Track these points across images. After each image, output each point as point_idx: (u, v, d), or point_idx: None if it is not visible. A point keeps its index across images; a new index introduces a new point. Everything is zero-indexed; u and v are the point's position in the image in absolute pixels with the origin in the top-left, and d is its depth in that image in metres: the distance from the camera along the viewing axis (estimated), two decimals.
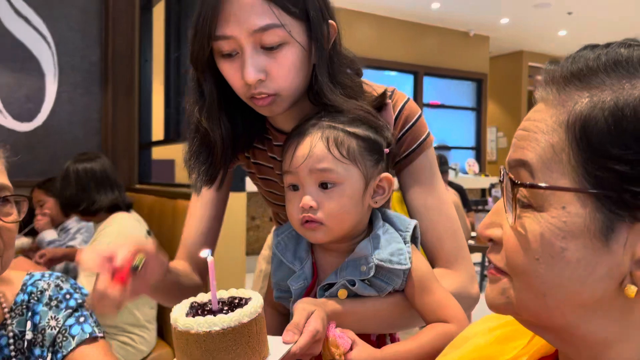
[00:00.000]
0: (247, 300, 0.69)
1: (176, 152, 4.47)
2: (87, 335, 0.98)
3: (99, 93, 3.26)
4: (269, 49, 0.85)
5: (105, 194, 2.32)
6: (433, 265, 0.98)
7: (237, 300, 0.70)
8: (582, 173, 0.46)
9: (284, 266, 0.94)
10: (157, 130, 3.33)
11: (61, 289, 1.02)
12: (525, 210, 0.50)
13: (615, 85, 0.46)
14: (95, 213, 2.29)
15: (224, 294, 0.73)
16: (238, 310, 0.66)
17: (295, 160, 0.86)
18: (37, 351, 0.96)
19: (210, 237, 1.12)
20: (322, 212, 0.84)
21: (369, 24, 7.49)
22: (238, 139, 1.01)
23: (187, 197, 2.42)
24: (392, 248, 0.87)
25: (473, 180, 8.20)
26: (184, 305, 0.71)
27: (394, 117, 0.99)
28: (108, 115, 3.20)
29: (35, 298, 1.00)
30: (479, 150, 9.04)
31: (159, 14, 3.35)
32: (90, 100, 3.24)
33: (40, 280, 1.02)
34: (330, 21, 0.91)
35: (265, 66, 0.86)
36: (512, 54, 9.65)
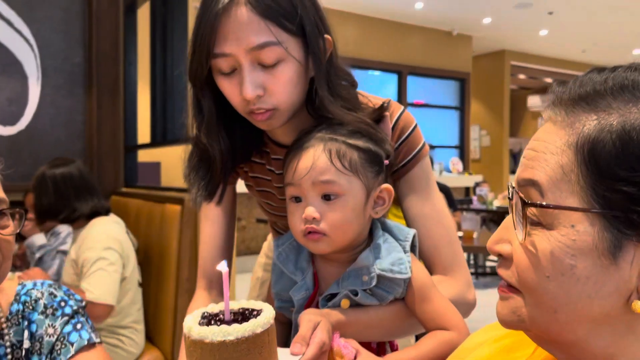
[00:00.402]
0: (258, 312, 0.70)
1: (162, 155, 4.45)
2: (85, 342, 0.99)
3: (82, 95, 3.22)
4: (266, 66, 0.86)
5: (85, 201, 2.27)
6: (430, 272, 0.99)
7: (248, 312, 0.71)
8: (591, 193, 0.47)
9: (285, 277, 0.94)
10: (143, 133, 3.30)
11: (55, 296, 1.02)
12: (534, 227, 0.51)
13: (622, 108, 0.48)
14: (75, 220, 2.26)
15: (235, 305, 0.73)
16: (252, 321, 0.67)
17: (298, 173, 0.86)
18: (35, 359, 0.97)
19: (225, 253, 1.12)
20: (325, 223, 0.85)
21: (353, 23, 7.50)
22: (237, 153, 1.02)
23: (176, 201, 2.41)
24: (393, 258, 0.88)
25: (457, 179, 8.27)
26: (196, 315, 0.71)
27: (391, 128, 1.00)
28: (92, 118, 3.16)
29: (30, 307, 1.00)
30: (462, 149, 9.12)
31: (143, 16, 3.32)
32: (73, 102, 3.20)
33: (32, 289, 1.02)
34: (326, 35, 0.92)
35: (263, 82, 0.86)
36: (494, 53, 9.75)
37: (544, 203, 0.50)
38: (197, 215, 2.34)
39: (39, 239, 2.49)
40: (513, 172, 10.14)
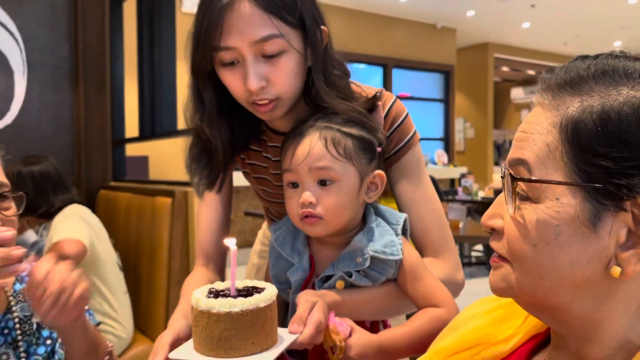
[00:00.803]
0: (262, 290, 0.75)
1: (149, 149, 4.44)
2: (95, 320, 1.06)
3: (69, 90, 3.20)
4: (269, 57, 0.89)
5: (62, 195, 2.36)
6: (421, 254, 1.03)
7: (252, 289, 0.76)
8: (574, 169, 0.52)
9: (282, 259, 0.98)
10: (131, 127, 3.30)
11: None
12: (523, 202, 0.55)
13: (603, 92, 0.52)
14: (53, 215, 2.30)
15: (239, 284, 0.77)
16: (256, 295, 0.72)
17: (295, 159, 0.90)
18: (46, 333, 1.01)
19: (222, 235, 1.15)
20: (321, 207, 0.89)
21: (338, 16, 7.52)
22: (236, 142, 1.05)
23: (167, 194, 2.43)
24: (385, 240, 0.93)
25: (442, 171, 8.35)
26: (203, 290, 0.77)
27: (383, 117, 1.03)
28: (80, 112, 3.15)
29: None
30: (447, 141, 9.20)
31: (129, 9, 3.31)
32: (60, 97, 3.18)
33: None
34: (322, 27, 0.95)
35: (266, 74, 0.89)
36: (478, 45, 9.83)
37: (532, 178, 0.54)
38: (188, 208, 2.36)
39: (30, 236, 2.49)
40: (497, 163, 10.27)
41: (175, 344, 0.84)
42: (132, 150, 3.50)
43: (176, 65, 2.98)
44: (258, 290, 0.75)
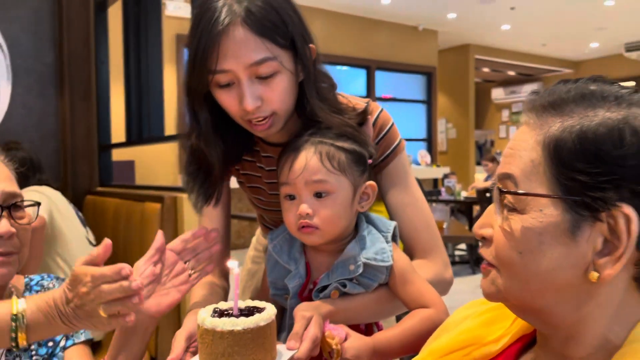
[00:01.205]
0: (262, 309, 0.80)
1: (135, 153, 4.43)
2: (89, 337, 1.10)
3: (54, 95, 3.20)
4: (263, 78, 0.93)
5: (39, 175, 2.48)
6: (411, 255, 1.09)
7: (253, 309, 0.81)
8: (555, 182, 0.57)
9: (279, 266, 1.02)
10: (118, 132, 3.30)
11: None
12: (511, 213, 0.61)
13: (581, 113, 0.58)
14: None
15: (242, 304, 0.83)
16: (257, 315, 0.78)
17: (292, 173, 0.95)
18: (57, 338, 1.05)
19: (224, 242, 1.19)
20: (318, 218, 0.94)
21: (321, 19, 7.57)
22: (231, 156, 1.09)
23: (156, 199, 2.44)
24: (376, 248, 0.98)
25: (426, 171, 8.44)
26: (208, 309, 0.82)
27: (371, 128, 1.09)
28: (65, 118, 3.14)
29: None
30: (430, 142, 9.31)
31: (114, 15, 3.31)
32: (45, 103, 3.17)
33: (42, 280, 1.11)
34: (310, 45, 0.99)
35: (261, 93, 0.94)
36: (459, 47, 9.96)
37: (518, 191, 0.60)
38: (177, 213, 2.38)
39: None
40: (479, 163, 10.40)
41: (189, 339, 0.91)
42: (118, 155, 3.50)
43: (163, 70, 2.99)
44: (259, 310, 0.80)
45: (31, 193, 2.24)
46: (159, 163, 4.64)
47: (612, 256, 0.55)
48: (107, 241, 0.80)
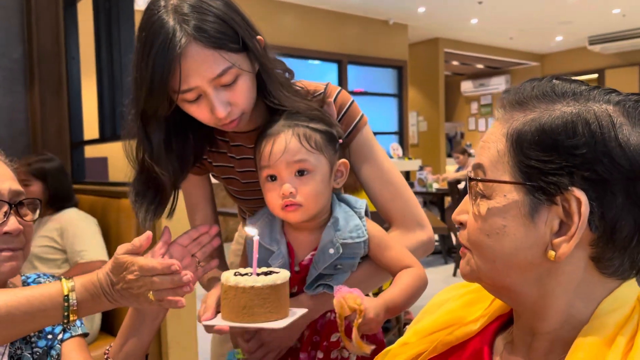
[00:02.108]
0: (277, 272, 0.93)
1: (109, 150, 4.37)
2: (85, 330, 1.12)
3: (23, 92, 3.14)
4: (227, 85, 0.97)
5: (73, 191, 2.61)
6: (390, 226, 1.16)
7: (270, 272, 0.93)
8: (517, 170, 0.63)
9: (262, 248, 1.07)
10: (90, 129, 3.26)
11: None
12: (481, 199, 0.67)
13: (542, 108, 0.64)
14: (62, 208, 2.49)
15: (258, 270, 0.94)
16: (274, 275, 0.91)
17: (273, 156, 1.00)
18: (48, 328, 1.08)
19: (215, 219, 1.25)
20: (300, 195, 1.01)
21: (292, 13, 7.57)
22: (188, 159, 1.11)
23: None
24: (350, 226, 1.05)
25: (398, 164, 8.54)
26: (230, 272, 0.94)
27: (333, 107, 1.14)
28: (36, 115, 3.10)
29: None
30: (401, 135, 9.42)
31: (84, 9, 3.26)
32: (14, 100, 3.12)
33: (39, 278, 1.13)
34: (258, 37, 1.02)
35: (228, 99, 0.98)
36: (429, 41, 10.08)
37: (483, 178, 0.66)
38: None
39: None
40: (449, 155, 10.57)
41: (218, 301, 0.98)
42: (90, 152, 3.46)
43: (134, 52, 2.96)
44: (274, 272, 0.93)
45: (98, 237, 2.42)
46: None
47: (566, 236, 0.61)
48: (148, 233, 0.88)
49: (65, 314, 0.83)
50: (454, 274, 5.29)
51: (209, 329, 0.95)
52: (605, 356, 0.57)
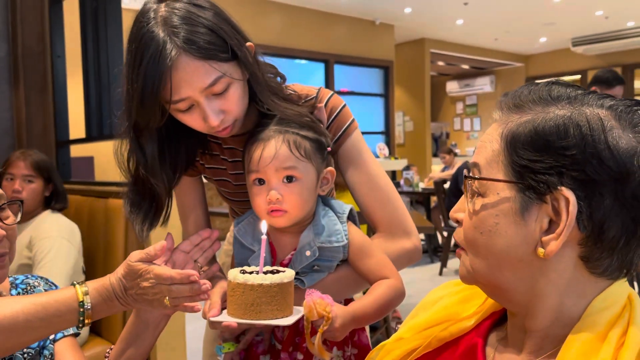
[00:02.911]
0: (282, 271, 0.95)
1: (95, 150, 4.34)
2: (76, 330, 1.11)
3: (8, 91, 3.10)
4: (219, 94, 0.97)
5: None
6: (375, 232, 1.15)
7: (276, 271, 0.95)
8: (510, 169, 0.66)
9: (245, 248, 1.09)
10: (76, 128, 3.23)
11: (51, 285, 1.13)
12: (476, 197, 0.69)
13: (536, 111, 0.66)
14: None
15: (264, 268, 0.95)
16: (280, 274, 0.93)
17: (263, 161, 1.01)
18: None
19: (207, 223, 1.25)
20: (287, 202, 1.01)
21: (279, 13, 7.56)
22: (182, 164, 1.12)
23: (120, 195, 2.41)
24: (330, 230, 1.05)
25: (384, 163, 8.57)
26: (236, 270, 0.95)
27: (324, 112, 1.14)
28: (21, 114, 3.06)
29: (31, 292, 1.09)
30: (388, 135, 9.46)
31: (70, 7, 3.23)
32: None
33: (27, 279, 1.12)
34: (247, 44, 1.03)
35: (221, 107, 0.99)
36: (415, 41, 10.14)
37: (477, 176, 0.68)
38: None
39: None
40: (435, 155, 10.65)
41: (224, 297, 1.00)
42: (76, 151, 3.42)
43: (124, 64, 2.94)
44: (280, 271, 0.94)
45: (64, 248, 2.20)
46: None
47: (555, 233, 0.62)
48: (163, 243, 0.90)
49: (81, 318, 0.85)
50: (440, 273, 5.33)
51: (215, 325, 0.96)
52: (599, 350, 0.59)
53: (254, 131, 1.05)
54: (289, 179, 1.01)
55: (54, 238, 2.20)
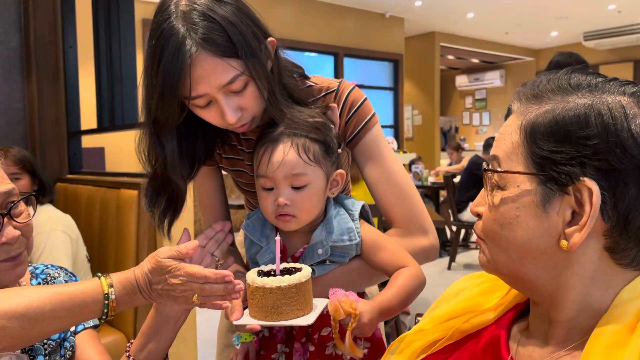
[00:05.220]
0: (299, 269, 0.95)
1: (105, 140, 4.35)
2: (97, 323, 1.12)
3: (20, 81, 3.11)
4: (237, 92, 0.97)
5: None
6: (392, 227, 1.14)
7: (292, 269, 0.95)
8: (530, 161, 0.64)
9: (254, 243, 1.09)
10: (89, 118, 3.23)
11: (71, 276, 1.13)
12: (496, 190, 0.68)
13: (556, 101, 0.65)
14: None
15: (281, 266, 0.95)
16: (297, 274, 0.93)
17: (271, 167, 1.00)
18: None
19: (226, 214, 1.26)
20: (295, 207, 1.01)
21: (290, 6, 7.53)
22: (200, 157, 1.12)
23: (132, 186, 2.42)
24: (343, 228, 1.04)
25: None
26: (254, 271, 0.96)
27: (340, 107, 1.13)
28: (33, 104, 3.07)
29: (52, 282, 1.09)
30: (397, 128, 9.43)
31: None
32: (11, 88, 3.09)
33: (47, 269, 1.12)
34: (269, 39, 1.01)
35: (239, 104, 0.98)
36: (425, 34, 10.07)
37: (497, 169, 0.67)
38: None
39: None
40: (443, 149, 10.60)
41: (245, 300, 0.99)
42: (87, 142, 3.43)
43: (136, 55, 2.94)
44: (297, 269, 0.94)
45: (59, 241, 2.21)
46: (130, 149, 4.55)
47: (579, 225, 0.61)
48: (195, 243, 0.90)
49: (105, 310, 0.86)
50: (449, 268, 5.31)
51: (239, 327, 0.97)
52: (628, 342, 0.58)
53: (264, 131, 1.04)
54: (297, 185, 1.00)
55: (47, 232, 2.22)
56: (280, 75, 1.05)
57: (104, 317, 0.87)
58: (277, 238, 0.94)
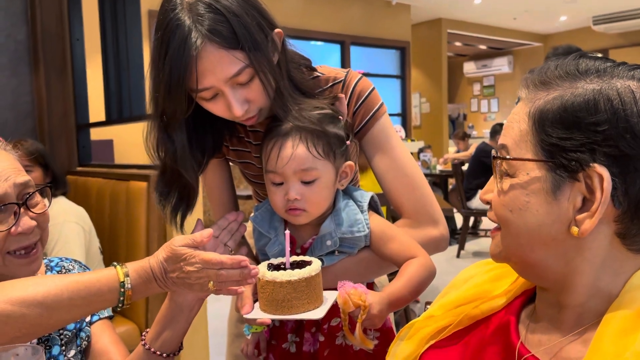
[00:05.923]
0: (309, 262, 0.94)
1: (114, 132, 4.36)
2: (111, 313, 1.14)
3: (28, 74, 3.12)
4: (244, 84, 0.96)
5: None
6: (401, 218, 1.13)
7: (302, 262, 0.96)
8: (539, 148, 0.64)
9: (262, 235, 1.10)
10: (97, 111, 3.25)
11: (85, 268, 1.14)
12: (505, 177, 0.68)
13: (564, 87, 0.64)
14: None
15: (291, 259, 0.96)
16: (308, 267, 0.93)
17: (280, 162, 1.00)
18: None
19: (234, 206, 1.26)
20: (305, 202, 1.01)
21: None
22: (209, 150, 1.12)
23: (141, 178, 2.44)
24: (351, 220, 1.04)
25: None
26: (264, 265, 0.97)
27: (347, 97, 1.12)
28: (41, 97, 3.08)
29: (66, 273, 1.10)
30: (404, 116, 9.39)
31: None
32: (19, 81, 3.10)
33: (61, 262, 1.13)
34: (276, 30, 1.00)
35: (245, 97, 0.98)
36: (431, 21, 9.98)
37: (506, 157, 0.67)
38: None
39: None
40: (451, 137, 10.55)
41: (255, 293, 1.00)
42: (95, 134, 3.45)
43: (143, 47, 2.95)
44: (307, 263, 0.95)
45: (73, 232, 2.24)
46: (138, 141, 4.56)
47: (589, 212, 0.61)
48: (209, 231, 0.91)
49: (121, 298, 0.87)
50: (458, 255, 5.32)
51: (250, 321, 0.98)
52: (639, 327, 0.58)
53: (271, 125, 1.04)
54: (307, 179, 1.00)
55: (61, 224, 2.24)
56: (287, 68, 1.04)
57: (120, 306, 0.88)
58: (287, 232, 0.94)
